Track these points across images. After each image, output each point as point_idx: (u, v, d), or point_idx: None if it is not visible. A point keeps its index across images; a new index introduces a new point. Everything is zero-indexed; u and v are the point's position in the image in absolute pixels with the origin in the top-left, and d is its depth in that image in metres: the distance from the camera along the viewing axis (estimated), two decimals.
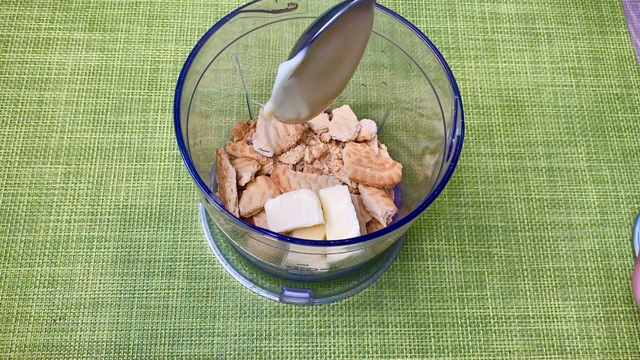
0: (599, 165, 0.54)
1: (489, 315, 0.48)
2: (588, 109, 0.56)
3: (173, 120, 0.35)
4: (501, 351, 0.47)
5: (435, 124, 0.40)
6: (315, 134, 0.47)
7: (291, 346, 0.46)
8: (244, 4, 0.48)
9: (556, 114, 0.56)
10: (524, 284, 0.49)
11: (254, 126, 0.47)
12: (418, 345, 0.46)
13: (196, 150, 0.39)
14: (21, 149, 0.51)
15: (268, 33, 0.41)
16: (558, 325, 0.48)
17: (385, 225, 0.44)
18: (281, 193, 0.43)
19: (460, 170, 0.53)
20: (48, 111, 0.53)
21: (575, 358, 0.47)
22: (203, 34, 0.49)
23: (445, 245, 0.50)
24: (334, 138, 0.47)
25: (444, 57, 0.57)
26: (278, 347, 0.46)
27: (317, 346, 0.46)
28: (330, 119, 0.48)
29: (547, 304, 0.49)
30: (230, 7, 0.58)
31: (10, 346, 0.45)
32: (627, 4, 0.61)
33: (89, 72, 0.55)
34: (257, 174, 0.45)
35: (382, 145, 0.49)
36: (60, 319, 0.46)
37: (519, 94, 0.57)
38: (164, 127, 0.53)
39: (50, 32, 0.56)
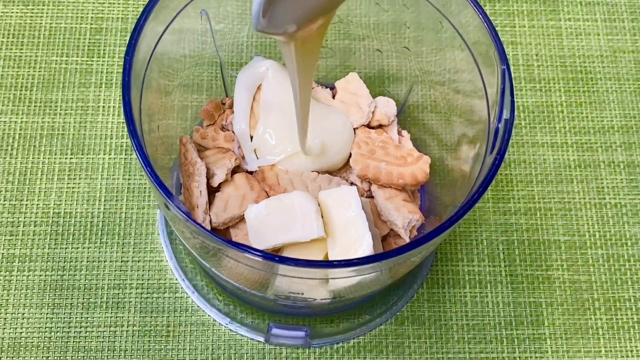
0: None
1: None
2: None
3: (122, 98, 0.35)
4: None
5: (476, 104, 0.40)
6: None
7: None
8: None
9: (638, 89, 0.56)
10: (596, 320, 0.49)
11: (231, 106, 0.47)
12: None
13: (153, 138, 0.39)
14: None
15: None
16: None
17: (407, 240, 0.43)
18: (268, 195, 0.43)
19: (509, 166, 0.53)
20: None
21: None
22: None
23: (489, 266, 0.50)
24: None
25: (487, 13, 0.57)
26: None
27: None
28: (333, 97, 0.48)
29: (626, 346, 0.49)
30: None
31: None
32: None
33: (8, 34, 0.55)
34: (234, 171, 0.45)
35: (404, 132, 0.49)
36: None
37: (589, 62, 0.57)
38: (109, 107, 0.53)
39: None
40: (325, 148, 0.44)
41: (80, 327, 0.47)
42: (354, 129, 0.46)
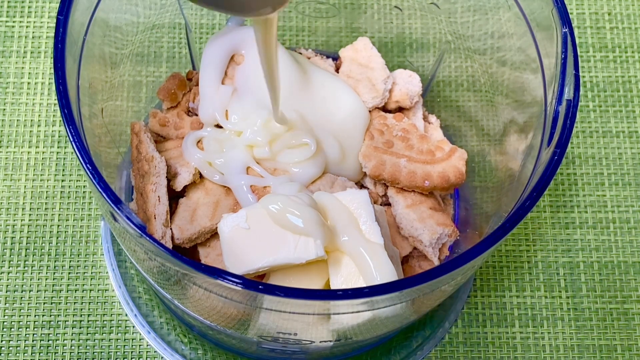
0: None
1: None
2: None
3: (53, 71, 0.35)
4: None
5: (527, 79, 0.40)
6: None
7: None
8: None
9: None
10: None
11: (199, 83, 0.47)
12: None
13: (95, 126, 0.39)
14: None
15: None
16: None
17: (436, 262, 0.44)
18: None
19: (573, 163, 0.53)
20: None
21: None
22: None
23: (547, 298, 0.50)
24: None
25: None
26: None
27: None
28: (337, 69, 0.48)
29: None
30: None
31: None
32: None
33: None
34: None
35: (432, 118, 0.49)
36: None
37: None
38: (36, 84, 0.53)
39: None
40: (334, 151, 0.44)
41: None
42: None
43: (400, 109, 0.48)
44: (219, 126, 0.45)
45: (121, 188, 0.46)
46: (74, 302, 0.49)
